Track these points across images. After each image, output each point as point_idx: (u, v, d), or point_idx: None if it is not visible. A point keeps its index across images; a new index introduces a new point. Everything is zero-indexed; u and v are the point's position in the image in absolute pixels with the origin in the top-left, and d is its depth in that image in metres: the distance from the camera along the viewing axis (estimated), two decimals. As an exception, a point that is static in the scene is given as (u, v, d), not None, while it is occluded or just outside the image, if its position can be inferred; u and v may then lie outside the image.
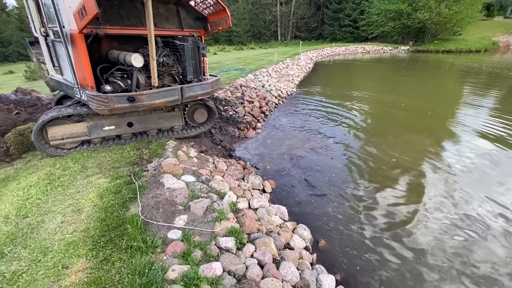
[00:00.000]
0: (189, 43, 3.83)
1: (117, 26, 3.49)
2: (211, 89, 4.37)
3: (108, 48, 3.91)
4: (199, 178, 3.67)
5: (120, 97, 3.46)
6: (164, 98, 3.77)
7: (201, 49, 4.13)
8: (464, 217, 3.77)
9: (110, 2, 3.36)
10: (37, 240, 2.40)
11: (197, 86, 4.13)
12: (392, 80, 15.04)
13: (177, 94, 3.92)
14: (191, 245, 2.39)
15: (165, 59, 3.92)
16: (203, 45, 4.17)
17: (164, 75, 4.00)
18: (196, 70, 4.11)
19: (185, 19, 4.18)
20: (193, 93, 4.12)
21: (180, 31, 4.17)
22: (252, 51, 29.35)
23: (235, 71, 11.85)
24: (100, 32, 3.30)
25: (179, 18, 4.12)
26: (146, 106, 3.68)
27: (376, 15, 37.63)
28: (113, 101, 3.43)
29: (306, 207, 4.05)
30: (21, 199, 3.01)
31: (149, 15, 2.93)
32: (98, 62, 3.75)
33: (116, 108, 3.49)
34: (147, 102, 3.62)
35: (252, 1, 50.52)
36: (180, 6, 4.10)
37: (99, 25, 3.25)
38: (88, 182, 3.31)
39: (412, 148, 5.96)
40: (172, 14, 4.05)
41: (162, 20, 3.95)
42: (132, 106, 3.57)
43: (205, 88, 4.24)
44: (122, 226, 2.51)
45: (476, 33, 37.82)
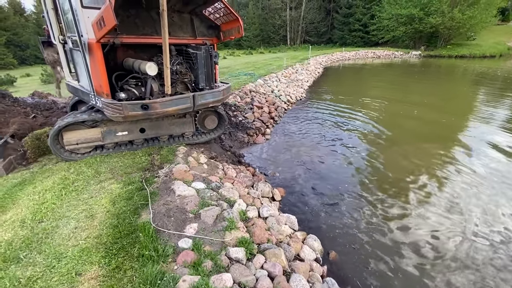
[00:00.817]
0: (202, 52, 3.89)
1: (133, 35, 3.57)
2: (222, 97, 4.40)
3: (124, 56, 4.00)
4: (209, 185, 3.68)
5: (134, 105, 3.53)
6: (176, 106, 3.83)
7: (214, 57, 4.17)
8: (486, 229, 3.64)
9: (127, 12, 3.45)
10: (51, 245, 2.45)
11: (208, 93, 4.17)
12: (403, 86, 14.80)
13: (189, 102, 3.97)
14: (201, 254, 2.39)
15: (178, 67, 3.98)
16: (216, 53, 4.21)
17: (177, 82, 4.06)
18: (208, 78, 4.16)
19: (199, 28, 4.24)
20: (205, 101, 4.17)
21: (193, 39, 4.24)
22: (261, 55, 29.53)
23: (245, 76, 11.93)
24: (116, 41, 3.39)
25: (193, 26, 4.19)
26: (159, 113, 3.73)
27: (387, 20, 37.28)
28: (127, 108, 3.50)
29: (316, 217, 4.00)
30: (36, 203, 3.09)
31: (164, 25, 2.99)
32: (114, 70, 3.84)
33: (130, 115, 3.56)
34: (160, 109, 3.67)
35: (262, 6, 50.97)
36: (194, 15, 4.17)
37: (116, 35, 3.33)
38: (101, 188, 3.36)
39: (427, 157, 5.79)
40: (186, 23, 4.12)
41: (176, 29, 4.03)
42: (146, 114, 3.63)
43: (217, 95, 4.28)
44: (134, 233, 2.54)
45: (491, 38, 36.96)
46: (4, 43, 28.97)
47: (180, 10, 3.99)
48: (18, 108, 6.29)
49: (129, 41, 3.58)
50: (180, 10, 3.99)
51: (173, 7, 3.83)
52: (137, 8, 3.56)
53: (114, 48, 3.60)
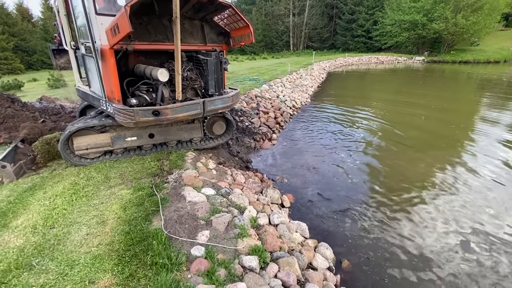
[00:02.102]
0: (213, 58, 3.91)
1: (144, 41, 3.60)
2: (231, 103, 4.41)
3: (135, 62, 4.03)
4: (218, 191, 3.65)
5: (146, 111, 3.54)
6: (187, 112, 3.83)
7: (223, 63, 4.19)
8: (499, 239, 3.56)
9: (139, 20, 3.49)
10: (63, 252, 2.43)
11: (218, 99, 4.18)
12: (408, 91, 14.74)
13: (200, 108, 3.98)
14: (215, 263, 2.35)
15: (188, 73, 4.00)
16: (225, 60, 4.23)
17: (187, 89, 4.07)
18: (218, 84, 4.17)
19: (209, 34, 4.27)
20: (214, 107, 4.17)
21: (203, 46, 4.26)
22: (264, 61, 29.71)
23: (250, 82, 11.96)
24: (129, 47, 3.42)
25: (203, 33, 4.22)
26: (170, 119, 3.74)
27: (390, 26, 37.42)
28: (138, 114, 3.51)
29: (326, 224, 3.95)
30: (47, 208, 3.08)
31: (177, 32, 3.00)
32: (125, 75, 3.88)
33: (142, 121, 3.57)
34: (171, 115, 3.68)
35: (265, 12, 51.49)
36: (204, 22, 4.20)
37: (130, 42, 3.36)
38: (111, 193, 3.35)
39: (439, 165, 5.68)
40: (196, 30, 4.15)
41: (187, 36, 4.06)
42: (157, 120, 3.64)
43: (226, 101, 4.29)
44: (146, 240, 2.51)
45: (495, 44, 36.91)
46: (12, 48, 29.45)
47: (191, 17, 4.02)
48: (27, 113, 6.35)
49: (141, 47, 3.61)
50: (191, 17, 4.03)
51: (184, 14, 3.86)
52: (149, 15, 3.60)
53: (126, 54, 3.63)
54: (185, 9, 3.66)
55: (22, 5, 37.62)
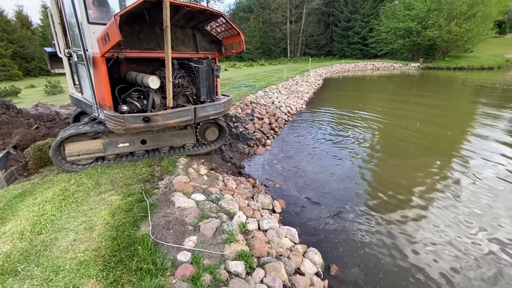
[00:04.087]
0: (204, 66, 3.97)
1: (136, 49, 3.67)
2: (223, 109, 4.46)
3: (127, 70, 4.10)
4: (209, 196, 3.68)
5: (136, 117, 3.58)
6: (178, 118, 3.88)
7: (215, 70, 4.25)
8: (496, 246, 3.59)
9: (131, 28, 3.57)
10: (49, 258, 2.43)
11: (210, 106, 4.23)
12: (404, 98, 14.91)
13: (191, 114, 4.03)
14: (200, 268, 2.36)
15: (180, 80, 4.06)
16: (217, 67, 4.29)
17: (178, 95, 4.12)
18: (209, 91, 4.22)
19: (201, 42, 4.35)
20: (206, 113, 4.23)
21: (195, 53, 4.34)
22: (262, 67, 29.98)
23: (246, 88, 12.08)
24: (120, 55, 3.50)
25: (195, 41, 4.30)
26: (160, 126, 3.78)
27: (385, 33, 38.06)
28: (129, 121, 3.55)
29: (317, 229, 3.96)
30: (36, 215, 3.08)
31: (167, 41, 3.08)
32: (117, 83, 3.94)
33: (132, 127, 3.61)
34: (162, 122, 3.72)
35: (263, 20, 52.20)
36: (196, 30, 4.28)
37: (120, 50, 3.43)
38: (101, 199, 3.36)
39: (431, 171, 5.73)
40: (188, 38, 4.23)
41: (179, 44, 4.14)
42: (147, 126, 3.68)
43: (218, 108, 4.34)
44: (133, 246, 2.52)
45: (489, 50, 37.55)
46: (10, 55, 29.55)
47: (183, 25, 4.11)
48: (22, 119, 6.37)
49: (133, 55, 3.68)
50: (183, 26, 4.12)
51: (176, 23, 3.95)
52: (141, 23, 3.68)
53: (117, 62, 3.69)
54: (176, 18, 3.75)
55: (22, 12, 37.93)
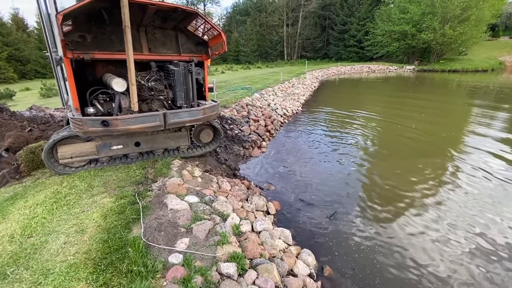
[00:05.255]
0: (181, 68, 3.83)
1: (106, 51, 3.60)
2: (202, 116, 4.21)
3: (103, 72, 4.03)
4: (202, 198, 3.67)
5: (94, 121, 3.50)
6: (142, 124, 3.73)
7: (197, 74, 4.06)
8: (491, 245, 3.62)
9: (101, 29, 3.52)
10: (39, 261, 2.40)
11: (184, 112, 4.04)
12: (399, 100, 15.03)
13: (159, 120, 3.85)
14: (191, 270, 2.35)
15: (153, 83, 3.92)
16: (199, 70, 4.12)
17: (153, 100, 4.00)
18: (187, 96, 4.03)
19: (185, 44, 4.22)
20: (179, 119, 4.02)
21: (177, 55, 4.19)
22: (259, 70, 30.09)
23: (242, 90, 12.11)
24: (86, 57, 3.46)
25: (178, 43, 4.18)
26: (120, 131, 3.65)
27: (380, 36, 38.47)
28: (87, 124, 3.48)
29: (312, 231, 3.96)
30: (27, 217, 3.05)
31: (127, 42, 3.03)
32: (93, 84, 3.88)
33: (90, 131, 3.53)
34: (122, 127, 3.60)
35: (260, 23, 52.51)
36: (179, 31, 4.16)
37: (86, 51, 3.41)
38: (93, 202, 3.34)
39: (427, 172, 5.74)
40: (170, 39, 4.11)
41: (159, 45, 4.03)
42: (106, 130, 3.58)
43: (194, 114, 4.12)
44: (124, 248, 2.50)
45: (482, 53, 38.08)
46: (5, 57, 29.37)
47: (162, 26, 3.99)
48: (15, 122, 6.32)
49: (102, 57, 3.63)
50: (162, 27, 4.00)
51: (152, 23, 3.85)
52: (113, 25, 3.62)
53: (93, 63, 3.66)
54: (148, 19, 3.64)
55: (18, 15, 37.79)
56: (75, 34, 3.49)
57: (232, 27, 55.58)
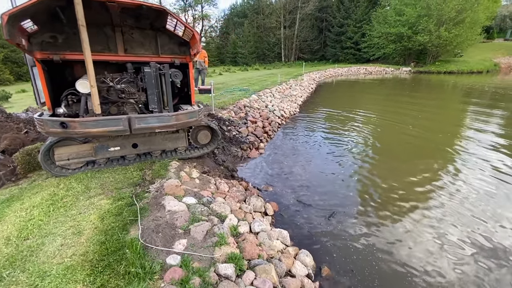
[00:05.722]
0: (151, 70, 3.65)
1: (78, 52, 3.53)
2: (175, 122, 3.94)
3: (82, 73, 3.96)
4: (200, 200, 3.67)
5: (54, 122, 3.45)
6: (104, 127, 3.60)
7: (173, 76, 3.85)
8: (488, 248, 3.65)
9: (73, 30, 3.47)
10: (36, 263, 2.39)
11: (152, 117, 3.81)
12: (396, 101, 15.14)
13: (123, 125, 3.69)
14: (189, 271, 2.35)
15: (124, 86, 3.80)
16: (176, 73, 3.89)
17: (126, 103, 3.91)
18: (160, 100, 3.83)
19: (166, 45, 4.04)
20: (146, 125, 3.82)
21: (156, 57, 4.01)
22: (256, 71, 30.15)
23: (240, 92, 12.13)
24: (56, 57, 3.45)
25: (157, 43, 4.01)
26: (79, 133, 3.56)
27: (377, 38, 38.77)
28: (47, 125, 3.43)
29: (310, 232, 3.97)
30: (23, 220, 3.03)
31: (84, 41, 2.99)
32: (71, 85, 3.85)
33: (51, 132, 3.48)
34: (80, 130, 3.51)
35: (257, 25, 52.68)
36: (158, 31, 3.99)
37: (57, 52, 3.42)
38: (90, 203, 3.32)
39: (425, 173, 5.75)
40: (149, 40, 3.95)
41: (136, 46, 3.89)
42: (65, 132, 3.51)
43: (165, 120, 3.85)
44: (121, 250, 2.49)
45: (477, 55, 38.50)
46: (1, 59, 29.20)
47: (140, 26, 3.86)
48: (11, 124, 6.28)
49: (73, 57, 3.60)
50: (140, 27, 3.86)
51: (125, 23, 3.74)
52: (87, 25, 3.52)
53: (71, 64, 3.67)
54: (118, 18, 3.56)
55: (14, 17, 37.60)
56: (46, 35, 3.47)
57: (229, 29, 55.71)
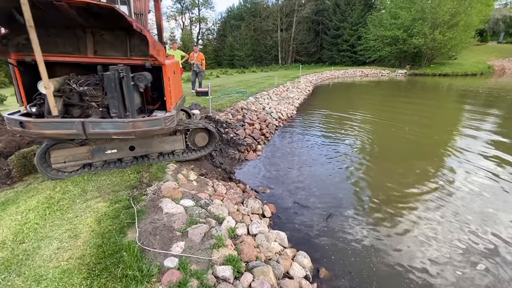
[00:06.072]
0: (110, 73, 3.51)
1: (49, 53, 3.52)
2: (132, 130, 3.72)
3: (61, 74, 3.94)
4: (198, 202, 3.66)
5: (15, 121, 3.53)
6: (57, 130, 3.58)
7: (137, 80, 3.64)
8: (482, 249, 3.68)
9: (46, 31, 3.48)
10: (31, 267, 2.37)
11: (107, 123, 3.66)
12: (392, 103, 15.26)
13: (77, 128, 3.61)
14: (187, 274, 2.34)
15: (85, 88, 3.71)
16: (140, 76, 3.68)
17: (90, 106, 3.85)
18: (121, 104, 3.64)
19: (138, 46, 3.85)
20: (101, 131, 3.68)
21: (126, 59, 3.85)
22: (253, 74, 30.23)
23: (237, 94, 12.15)
24: (27, 59, 3.49)
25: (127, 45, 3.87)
26: (33, 134, 3.59)
27: (373, 41, 39.17)
28: (11, 123, 3.53)
29: (308, 233, 3.98)
30: (19, 223, 3.00)
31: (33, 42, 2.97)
32: None
33: (15, 130, 3.58)
34: (35, 130, 3.51)
35: (254, 28, 52.91)
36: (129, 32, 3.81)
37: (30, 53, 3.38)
38: (87, 206, 3.30)
39: (422, 174, 5.80)
40: (120, 41, 3.81)
41: (106, 47, 3.78)
42: (24, 132, 3.58)
43: (120, 127, 3.66)
44: (119, 253, 2.48)
45: (471, 58, 39.03)
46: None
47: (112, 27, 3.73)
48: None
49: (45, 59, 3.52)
50: (110, 27, 3.73)
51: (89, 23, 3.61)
52: (59, 27, 3.54)
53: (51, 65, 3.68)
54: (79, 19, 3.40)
55: (9, 19, 37.35)
56: (22, 37, 3.49)
57: (226, 32, 55.83)
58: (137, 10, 4.66)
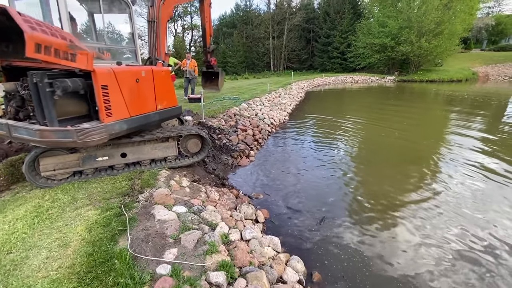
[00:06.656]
0: (29, 78, 3.36)
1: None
2: (38, 139, 3.44)
3: None
4: (190, 208, 3.65)
5: None
6: None
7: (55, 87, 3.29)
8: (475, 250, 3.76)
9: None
10: (19, 277, 2.31)
11: (23, 129, 3.50)
12: (382, 109, 15.59)
13: (5, 130, 3.62)
14: (180, 280, 2.33)
15: (25, 92, 3.67)
16: (58, 84, 3.33)
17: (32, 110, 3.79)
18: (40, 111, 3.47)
19: None
20: (19, 135, 3.56)
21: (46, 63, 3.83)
22: (246, 81, 30.45)
23: (229, 100, 12.21)
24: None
25: None
26: None
27: (362, 48, 40.18)
28: None
29: (300, 238, 4.00)
30: (6, 233, 2.93)
31: None
32: None
33: None
34: None
35: (246, 35, 53.58)
36: None
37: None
38: (77, 215, 3.25)
39: (415, 178, 5.89)
40: None
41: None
42: None
43: (31, 134, 3.45)
44: (110, 261, 2.45)
45: (456, 64, 40.40)
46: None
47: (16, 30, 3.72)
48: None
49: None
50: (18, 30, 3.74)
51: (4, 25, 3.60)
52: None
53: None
54: None
55: None
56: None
57: (219, 39, 56.27)
58: (150, 17, 4.73)
